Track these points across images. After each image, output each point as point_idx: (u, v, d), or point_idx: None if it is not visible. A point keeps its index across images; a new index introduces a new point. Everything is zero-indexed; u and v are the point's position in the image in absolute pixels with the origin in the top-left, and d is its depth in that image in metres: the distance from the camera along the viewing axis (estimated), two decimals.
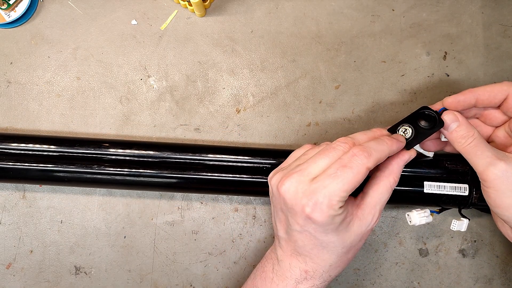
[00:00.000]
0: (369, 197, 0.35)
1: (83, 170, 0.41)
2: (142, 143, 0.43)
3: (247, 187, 0.41)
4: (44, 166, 0.41)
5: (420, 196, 0.40)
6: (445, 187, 0.40)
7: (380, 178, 0.35)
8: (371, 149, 0.33)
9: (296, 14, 0.47)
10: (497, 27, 0.47)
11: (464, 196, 0.39)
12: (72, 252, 0.45)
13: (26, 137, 0.42)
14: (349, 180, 0.32)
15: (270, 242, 0.45)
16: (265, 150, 0.42)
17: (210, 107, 0.46)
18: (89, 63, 0.47)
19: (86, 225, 0.45)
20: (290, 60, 0.47)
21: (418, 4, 0.47)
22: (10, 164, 0.41)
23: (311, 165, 0.34)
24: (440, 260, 0.45)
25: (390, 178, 0.35)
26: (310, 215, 0.32)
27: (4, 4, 0.46)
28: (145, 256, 0.45)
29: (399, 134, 0.36)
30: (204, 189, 0.43)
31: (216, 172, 0.41)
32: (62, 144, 0.42)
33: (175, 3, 0.47)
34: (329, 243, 0.34)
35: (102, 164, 0.41)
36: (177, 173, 0.41)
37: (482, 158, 0.34)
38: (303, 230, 0.34)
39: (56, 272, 0.45)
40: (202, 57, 0.47)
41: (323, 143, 0.37)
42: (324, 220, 0.32)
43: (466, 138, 0.35)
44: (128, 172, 0.41)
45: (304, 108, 0.46)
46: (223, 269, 0.45)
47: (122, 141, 0.43)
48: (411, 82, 0.46)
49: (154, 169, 0.41)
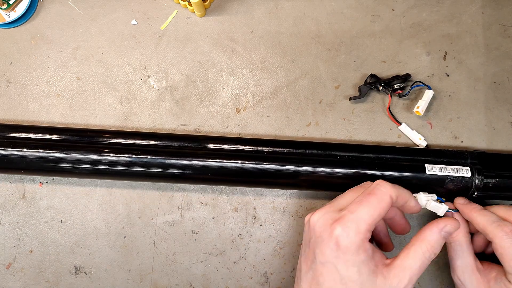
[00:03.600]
0: (399, 260, 0.34)
1: (84, 156, 0.40)
2: (146, 133, 0.43)
3: (248, 176, 0.41)
4: (44, 151, 0.40)
5: (422, 181, 0.40)
6: (446, 168, 0.40)
7: (412, 243, 0.35)
8: (396, 185, 0.35)
9: (296, 14, 0.47)
10: (497, 27, 0.47)
11: (468, 178, 0.39)
12: (72, 252, 0.45)
13: (27, 127, 0.43)
14: (374, 206, 0.34)
15: (270, 242, 0.45)
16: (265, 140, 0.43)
17: (210, 107, 0.46)
18: (89, 63, 0.47)
19: (86, 225, 0.45)
20: (290, 60, 0.47)
21: (418, 4, 0.47)
22: (16, 151, 0.40)
23: (340, 199, 0.36)
24: (440, 260, 0.45)
25: (423, 245, 0.34)
26: (337, 238, 0.33)
27: (4, 4, 0.46)
28: (145, 256, 0.45)
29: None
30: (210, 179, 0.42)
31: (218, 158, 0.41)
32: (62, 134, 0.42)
33: (175, 3, 0.47)
34: (349, 281, 0.33)
35: (103, 152, 0.41)
36: (180, 160, 0.40)
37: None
38: (326, 262, 0.34)
39: (56, 272, 0.45)
40: (202, 57, 0.47)
41: None
42: (350, 245, 0.33)
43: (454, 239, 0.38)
44: (130, 159, 0.40)
45: (304, 108, 0.46)
46: (223, 269, 0.45)
47: (125, 132, 0.43)
48: None
49: (155, 155, 0.41)
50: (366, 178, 0.40)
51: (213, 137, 0.43)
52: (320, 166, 0.40)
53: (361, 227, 0.33)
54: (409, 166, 0.40)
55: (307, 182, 0.41)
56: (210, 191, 0.45)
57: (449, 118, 0.46)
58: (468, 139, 0.45)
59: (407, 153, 0.42)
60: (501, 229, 0.35)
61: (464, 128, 0.46)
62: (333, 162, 0.41)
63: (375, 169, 0.40)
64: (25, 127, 0.43)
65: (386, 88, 0.45)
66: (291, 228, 0.45)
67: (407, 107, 0.46)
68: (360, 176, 0.40)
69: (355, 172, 0.40)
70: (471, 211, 0.37)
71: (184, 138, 0.43)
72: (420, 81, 0.45)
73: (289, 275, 0.45)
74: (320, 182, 0.41)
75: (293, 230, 0.45)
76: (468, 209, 0.37)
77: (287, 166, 0.40)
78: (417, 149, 0.42)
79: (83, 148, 0.40)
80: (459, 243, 0.37)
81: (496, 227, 0.35)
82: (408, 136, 0.45)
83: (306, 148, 0.42)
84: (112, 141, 0.42)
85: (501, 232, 0.35)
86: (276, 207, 0.45)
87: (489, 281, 0.36)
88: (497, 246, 0.35)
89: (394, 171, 0.40)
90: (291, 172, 0.40)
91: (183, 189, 0.45)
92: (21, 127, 0.43)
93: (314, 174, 0.40)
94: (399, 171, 0.40)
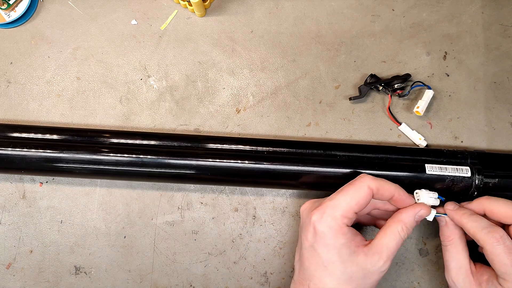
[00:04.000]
0: (376, 239, 0.37)
1: (84, 156, 0.40)
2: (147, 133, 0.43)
3: (249, 175, 0.41)
4: (44, 151, 0.40)
5: (422, 180, 0.40)
6: (446, 168, 0.40)
7: (388, 223, 0.37)
8: (379, 178, 0.37)
9: (296, 14, 0.47)
10: (497, 27, 0.47)
11: (468, 178, 0.39)
12: (72, 252, 0.45)
13: (27, 127, 0.43)
14: (352, 194, 0.36)
15: (270, 242, 0.45)
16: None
17: (210, 107, 0.46)
18: (89, 63, 0.47)
19: (86, 225, 0.45)
20: (290, 60, 0.47)
21: (418, 4, 0.47)
22: (16, 150, 0.40)
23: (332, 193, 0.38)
24: (440, 260, 0.44)
25: (398, 225, 0.37)
26: (315, 224, 0.36)
27: (4, 4, 0.46)
28: (145, 256, 0.45)
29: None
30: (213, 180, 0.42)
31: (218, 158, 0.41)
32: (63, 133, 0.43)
33: (175, 3, 0.47)
34: (330, 263, 0.36)
35: (103, 152, 0.41)
36: (181, 159, 0.40)
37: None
38: (309, 247, 0.37)
39: (56, 272, 0.45)
40: (202, 57, 0.47)
41: None
42: (326, 231, 0.36)
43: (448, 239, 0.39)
44: (131, 159, 0.40)
45: (304, 108, 0.46)
46: (223, 269, 0.45)
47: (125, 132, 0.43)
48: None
49: (155, 155, 0.41)
50: None
51: (213, 137, 0.43)
52: (320, 166, 0.40)
53: (337, 213, 0.36)
54: (409, 166, 0.40)
55: (307, 182, 0.41)
56: (210, 191, 0.45)
57: (449, 118, 0.46)
58: (468, 139, 0.45)
59: (407, 153, 0.42)
60: (492, 235, 0.35)
61: (464, 128, 0.46)
62: (333, 162, 0.41)
63: (375, 169, 0.40)
64: (25, 127, 0.43)
65: (386, 88, 0.45)
66: (291, 228, 0.45)
67: (407, 107, 0.46)
68: None
69: (354, 171, 0.40)
70: (461, 217, 0.37)
71: (184, 138, 0.43)
72: (420, 81, 0.45)
73: (289, 275, 0.45)
74: (320, 182, 0.41)
75: (293, 230, 0.45)
76: (458, 215, 0.38)
77: (287, 166, 0.40)
78: (417, 149, 0.42)
79: (83, 148, 0.40)
80: (455, 246, 0.38)
81: (486, 234, 0.35)
82: (408, 136, 0.45)
83: (306, 148, 0.42)
84: (112, 141, 0.42)
85: (492, 239, 0.35)
86: (276, 207, 0.45)
87: (481, 283, 0.37)
88: (488, 253, 0.35)
89: (394, 171, 0.40)
90: (291, 172, 0.40)
91: (183, 189, 0.45)
92: (21, 127, 0.43)
93: (314, 174, 0.40)
94: (399, 171, 0.40)
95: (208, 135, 0.44)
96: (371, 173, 0.40)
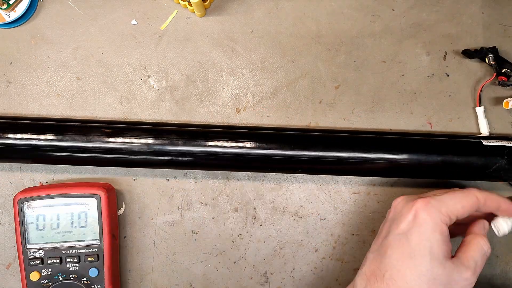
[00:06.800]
0: (461, 252, 0.36)
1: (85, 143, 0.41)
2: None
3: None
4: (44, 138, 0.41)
5: (479, 152, 0.40)
6: (502, 140, 0.41)
7: (468, 240, 0.37)
8: (486, 191, 0.37)
9: (296, 14, 0.47)
10: (497, 27, 0.47)
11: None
12: None
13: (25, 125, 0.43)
14: (459, 198, 0.35)
15: (270, 242, 0.45)
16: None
17: (210, 107, 0.46)
18: (89, 63, 0.47)
19: None
20: (290, 60, 0.47)
21: (418, 4, 0.47)
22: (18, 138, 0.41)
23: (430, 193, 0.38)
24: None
25: (480, 239, 0.36)
26: (418, 210, 0.35)
27: (4, 4, 0.46)
28: (145, 256, 0.45)
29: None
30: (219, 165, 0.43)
31: None
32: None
33: (175, 3, 0.47)
34: (418, 255, 0.33)
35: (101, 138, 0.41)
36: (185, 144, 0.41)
37: None
38: (399, 235, 0.35)
39: None
40: (202, 57, 0.47)
41: None
42: (428, 219, 0.34)
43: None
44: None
45: (304, 108, 0.46)
46: (223, 269, 0.45)
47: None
48: (411, 82, 0.46)
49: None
50: None
51: (216, 132, 0.43)
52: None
53: (443, 209, 0.34)
54: (465, 143, 0.41)
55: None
56: (210, 191, 0.45)
57: (449, 118, 0.46)
58: None
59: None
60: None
61: None
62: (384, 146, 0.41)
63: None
64: (23, 125, 0.43)
65: (497, 64, 0.43)
66: (291, 228, 0.45)
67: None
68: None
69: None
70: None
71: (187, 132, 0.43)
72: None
73: (289, 275, 0.45)
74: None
75: (293, 230, 0.45)
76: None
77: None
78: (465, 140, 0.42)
79: (81, 136, 0.41)
80: None
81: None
82: (479, 120, 0.45)
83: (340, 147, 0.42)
84: (110, 139, 0.42)
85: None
86: (276, 207, 0.45)
87: None
88: None
89: (450, 154, 0.40)
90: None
91: (183, 189, 0.45)
92: (19, 125, 0.43)
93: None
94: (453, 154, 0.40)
95: (209, 129, 0.44)
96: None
